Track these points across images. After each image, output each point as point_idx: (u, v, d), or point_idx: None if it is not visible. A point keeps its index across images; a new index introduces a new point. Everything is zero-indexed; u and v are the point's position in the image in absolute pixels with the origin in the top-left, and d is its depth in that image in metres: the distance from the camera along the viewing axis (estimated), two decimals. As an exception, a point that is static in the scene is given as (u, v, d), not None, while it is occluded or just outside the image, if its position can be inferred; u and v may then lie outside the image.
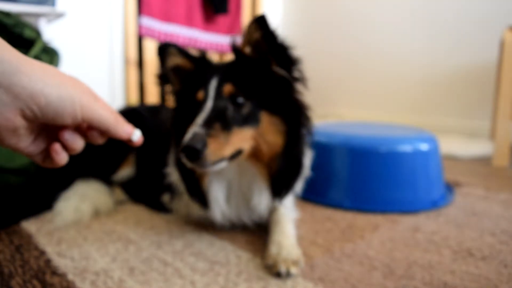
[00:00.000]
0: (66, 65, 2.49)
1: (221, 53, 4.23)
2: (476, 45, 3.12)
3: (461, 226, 1.29)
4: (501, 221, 1.34)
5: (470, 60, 3.16)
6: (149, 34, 3.59)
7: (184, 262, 1.01)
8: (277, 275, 0.94)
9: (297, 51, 1.05)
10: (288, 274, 0.93)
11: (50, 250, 1.07)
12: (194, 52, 1.15)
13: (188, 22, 3.86)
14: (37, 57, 1.60)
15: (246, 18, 4.38)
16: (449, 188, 1.71)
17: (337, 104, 4.18)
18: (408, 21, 3.56)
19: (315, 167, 1.60)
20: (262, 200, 1.10)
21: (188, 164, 0.93)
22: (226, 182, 1.12)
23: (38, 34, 1.62)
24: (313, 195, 1.55)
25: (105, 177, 1.46)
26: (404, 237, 1.19)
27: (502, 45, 2.56)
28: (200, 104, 1.01)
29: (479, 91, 3.12)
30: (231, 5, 4.14)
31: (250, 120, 1.00)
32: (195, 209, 1.22)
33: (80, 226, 1.25)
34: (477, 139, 2.90)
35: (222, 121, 0.96)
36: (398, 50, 3.64)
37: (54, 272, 0.94)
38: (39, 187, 1.40)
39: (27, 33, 1.60)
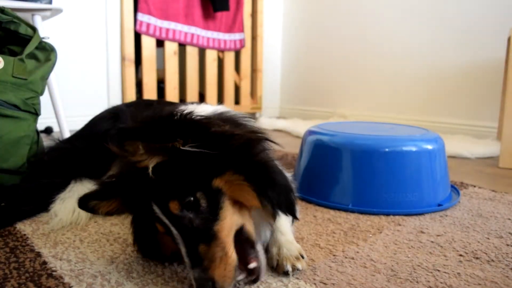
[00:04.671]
0: (63, 62, 2.49)
1: (221, 50, 4.22)
2: (483, 43, 3.08)
3: (467, 228, 1.27)
4: (508, 223, 1.32)
5: (477, 59, 3.12)
6: (146, 31, 3.58)
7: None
8: (285, 274, 0.94)
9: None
10: (296, 270, 0.94)
11: (46, 252, 1.05)
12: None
13: (187, 20, 3.85)
14: (33, 54, 1.58)
15: (246, 16, 4.38)
16: (455, 189, 1.69)
17: (340, 105, 4.16)
18: (413, 19, 3.53)
19: (318, 167, 1.59)
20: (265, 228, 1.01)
21: None
22: None
23: (34, 30, 1.61)
24: (316, 196, 1.53)
25: (97, 178, 1.44)
26: (408, 239, 1.18)
27: (509, 43, 2.52)
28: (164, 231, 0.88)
29: (486, 91, 3.08)
30: (232, 3, 4.14)
31: (215, 207, 0.85)
32: None
33: (76, 228, 1.24)
34: (483, 140, 2.86)
35: (200, 239, 0.82)
36: (403, 49, 3.61)
37: (50, 275, 0.93)
38: (34, 188, 1.39)
39: (23, 29, 1.58)
